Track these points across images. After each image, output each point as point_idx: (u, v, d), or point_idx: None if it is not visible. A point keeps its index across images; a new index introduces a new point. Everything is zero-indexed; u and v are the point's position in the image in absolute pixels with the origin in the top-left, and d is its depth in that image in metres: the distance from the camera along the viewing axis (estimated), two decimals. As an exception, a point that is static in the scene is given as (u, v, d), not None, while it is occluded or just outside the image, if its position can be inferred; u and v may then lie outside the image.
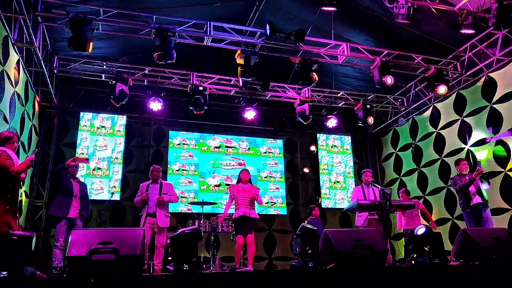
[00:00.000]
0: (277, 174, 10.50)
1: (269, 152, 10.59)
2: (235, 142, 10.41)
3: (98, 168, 8.99)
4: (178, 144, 9.84)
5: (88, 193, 6.29)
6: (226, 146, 10.27)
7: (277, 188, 10.36)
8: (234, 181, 9.79)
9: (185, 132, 10.02)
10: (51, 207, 5.95)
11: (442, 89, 7.95)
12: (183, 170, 9.70)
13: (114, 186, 8.94)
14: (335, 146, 11.06)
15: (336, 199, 10.59)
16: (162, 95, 8.53)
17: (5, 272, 3.48)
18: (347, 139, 11.26)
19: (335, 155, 11.00)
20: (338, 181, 10.79)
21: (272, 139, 10.73)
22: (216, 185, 9.87)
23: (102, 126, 9.29)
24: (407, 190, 8.33)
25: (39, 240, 8.16)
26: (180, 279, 3.60)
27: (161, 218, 5.95)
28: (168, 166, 9.58)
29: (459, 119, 8.51)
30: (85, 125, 9.16)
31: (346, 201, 10.54)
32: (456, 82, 8.51)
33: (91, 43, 6.20)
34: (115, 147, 9.26)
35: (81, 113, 9.20)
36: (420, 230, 4.88)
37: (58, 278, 3.61)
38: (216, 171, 9.99)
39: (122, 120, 9.46)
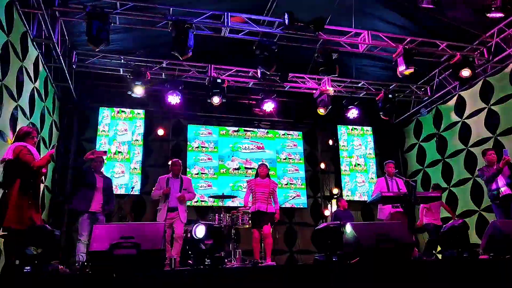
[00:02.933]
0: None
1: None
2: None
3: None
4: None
5: (112, 188, 6.28)
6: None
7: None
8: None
9: (203, 126, 10.01)
10: (73, 201, 5.99)
11: (465, 73, 7.60)
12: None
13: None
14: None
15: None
16: (180, 88, 8.48)
17: (28, 267, 3.50)
18: (368, 130, 11.05)
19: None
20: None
21: (291, 131, 10.61)
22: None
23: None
24: (436, 185, 8.13)
25: (62, 234, 8.26)
26: (202, 274, 3.54)
27: (182, 213, 5.94)
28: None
29: (486, 107, 8.20)
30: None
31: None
32: (483, 69, 8.19)
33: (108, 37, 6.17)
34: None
35: (100, 109, 9.26)
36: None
37: (80, 274, 3.60)
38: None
39: (140, 117, 9.53)
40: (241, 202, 9.33)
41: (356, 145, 10.81)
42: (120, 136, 9.25)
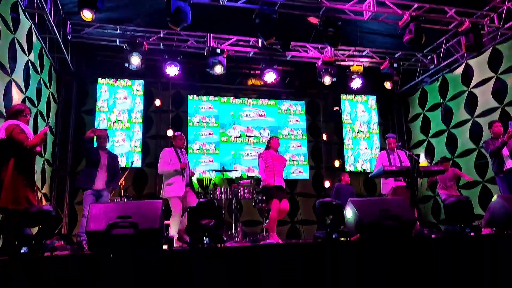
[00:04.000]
0: (298, 131, 10.26)
1: (290, 109, 10.33)
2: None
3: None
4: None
5: (118, 164, 6.18)
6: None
7: (298, 146, 10.17)
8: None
9: (204, 96, 9.84)
10: (78, 179, 5.96)
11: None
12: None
13: (135, 146, 8.94)
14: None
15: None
16: (178, 59, 8.26)
17: (25, 248, 3.47)
18: (372, 100, 10.85)
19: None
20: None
21: (293, 101, 10.42)
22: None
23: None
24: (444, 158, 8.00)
25: (64, 208, 8.31)
26: (200, 253, 3.51)
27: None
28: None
29: (494, 76, 7.95)
30: (103, 84, 9.11)
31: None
32: (492, 36, 7.89)
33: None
34: (134, 107, 9.20)
35: (99, 79, 9.10)
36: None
37: (77, 255, 3.58)
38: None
39: (139, 85, 9.35)
40: (242, 171, 9.32)
41: (359, 111, 10.64)
42: (119, 104, 9.14)
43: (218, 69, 7.95)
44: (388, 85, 8.81)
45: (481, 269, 3.74)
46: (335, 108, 10.39)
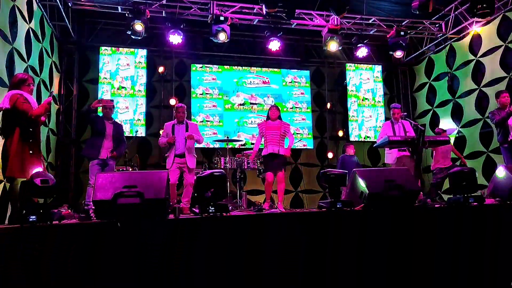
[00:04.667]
0: (303, 104, 10.18)
1: (295, 82, 10.20)
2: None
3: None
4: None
5: (123, 133, 6.22)
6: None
7: (303, 119, 10.13)
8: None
9: (207, 65, 9.72)
10: (84, 149, 6.00)
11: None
12: (206, 93, 9.54)
13: (139, 119, 8.87)
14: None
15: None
16: (181, 27, 8.11)
17: (34, 216, 3.52)
18: (378, 69, 10.68)
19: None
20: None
21: (298, 71, 10.28)
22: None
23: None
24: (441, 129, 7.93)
25: (70, 177, 8.39)
26: (206, 221, 3.55)
27: (190, 159, 5.87)
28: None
29: (503, 45, 7.79)
30: (106, 54, 8.96)
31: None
32: (503, 3, 7.67)
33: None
34: (137, 79, 9.10)
35: (101, 48, 8.97)
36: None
37: (85, 223, 3.64)
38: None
39: (142, 53, 9.22)
40: (246, 138, 9.34)
41: (364, 78, 10.51)
42: (122, 71, 9.02)
43: (222, 37, 7.80)
44: (398, 53, 8.62)
45: (483, 238, 3.78)
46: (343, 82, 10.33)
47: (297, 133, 9.89)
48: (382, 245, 3.63)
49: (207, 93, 9.54)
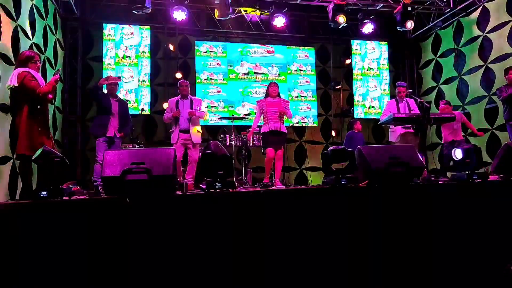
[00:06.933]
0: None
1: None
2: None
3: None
4: (205, 52, 9.49)
5: (128, 112, 6.27)
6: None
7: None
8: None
9: (211, 41, 9.63)
10: (91, 126, 6.07)
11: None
12: (211, 79, 9.49)
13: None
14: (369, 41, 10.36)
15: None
16: (185, 2, 8.02)
17: (45, 192, 3.60)
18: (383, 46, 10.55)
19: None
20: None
21: (303, 48, 10.17)
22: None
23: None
24: (447, 101, 7.85)
25: (77, 154, 8.48)
26: (213, 197, 3.62)
27: (194, 134, 5.94)
28: (196, 75, 9.38)
29: (511, 21, 7.67)
30: (110, 34, 8.85)
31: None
32: (513, -23, 7.52)
33: None
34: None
35: (104, 25, 8.89)
36: (458, 154, 4.60)
37: (94, 199, 3.71)
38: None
39: (146, 32, 9.13)
40: (251, 108, 9.34)
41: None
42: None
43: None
44: (409, 24, 8.44)
45: (486, 215, 3.83)
46: (347, 62, 10.21)
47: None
48: (385, 220, 3.68)
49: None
